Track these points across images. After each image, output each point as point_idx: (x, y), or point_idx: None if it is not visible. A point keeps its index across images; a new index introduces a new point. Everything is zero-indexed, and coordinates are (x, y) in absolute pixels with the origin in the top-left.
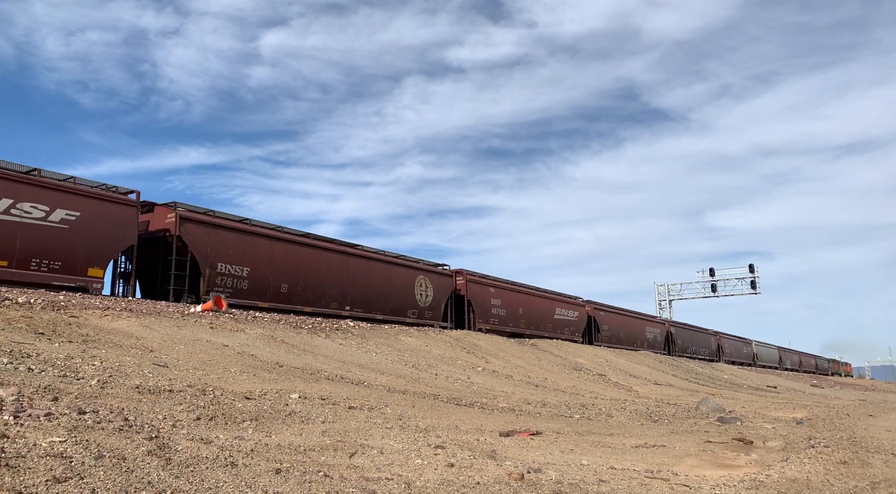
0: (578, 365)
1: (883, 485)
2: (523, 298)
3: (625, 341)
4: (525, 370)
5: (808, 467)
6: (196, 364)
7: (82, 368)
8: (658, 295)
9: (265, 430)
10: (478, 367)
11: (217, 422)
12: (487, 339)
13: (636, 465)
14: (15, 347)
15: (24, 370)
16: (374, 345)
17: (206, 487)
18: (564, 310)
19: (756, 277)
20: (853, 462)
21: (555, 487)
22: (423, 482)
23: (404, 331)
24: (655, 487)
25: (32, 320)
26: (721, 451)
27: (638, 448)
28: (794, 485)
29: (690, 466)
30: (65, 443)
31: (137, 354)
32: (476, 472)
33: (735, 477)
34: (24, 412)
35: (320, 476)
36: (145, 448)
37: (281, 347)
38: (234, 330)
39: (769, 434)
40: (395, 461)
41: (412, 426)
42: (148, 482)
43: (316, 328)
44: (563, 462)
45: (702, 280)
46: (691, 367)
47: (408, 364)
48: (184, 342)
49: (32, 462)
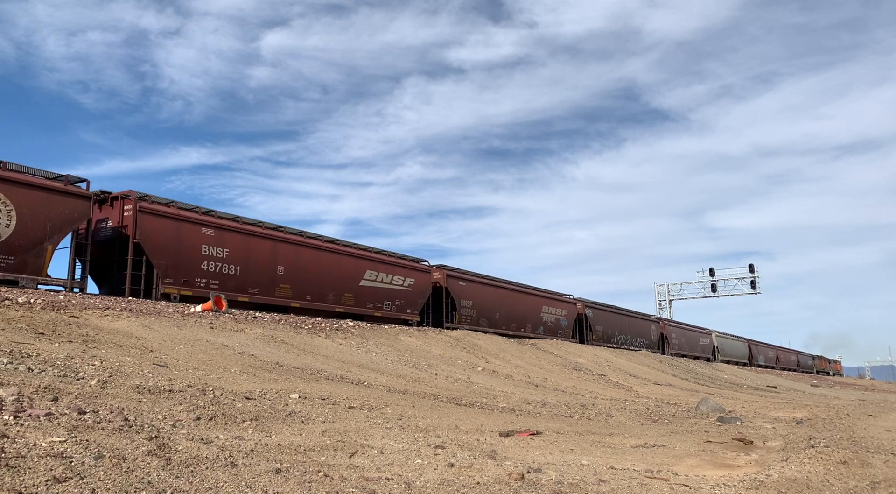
0: (578, 365)
1: (883, 485)
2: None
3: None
4: (525, 370)
5: (808, 467)
6: (196, 364)
7: (82, 368)
8: (658, 295)
9: (265, 430)
10: (478, 367)
11: (217, 422)
12: (487, 339)
13: (636, 465)
14: (15, 347)
15: (24, 370)
16: (374, 345)
17: (206, 487)
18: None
19: (756, 277)
20: (853, 462)
21: (555, 487)
22: (423, 482)
23: (404, 331)
24: (655, 487)
25: (32, 320)
26: (721, 451)
27: (638, 447)
28: (794, 485)
29: (690, 466)
30: (65, 443)
31: (137, 354)
32: (476, 472)
33: (735, 477)
34: (24, 412)
35: (320, 476)
36: (145, 448)
37: (281, 347)
38: (234, 330)
39: (769, 433)
40: (395, 461)
41: (412, 426)
42: (148, 482)
43: (316, 328)
44: (563, 462)
45: (702, 280)
46: (691, 367)
47: (408, 364)
48: (184, 342)
49: (32, 462)
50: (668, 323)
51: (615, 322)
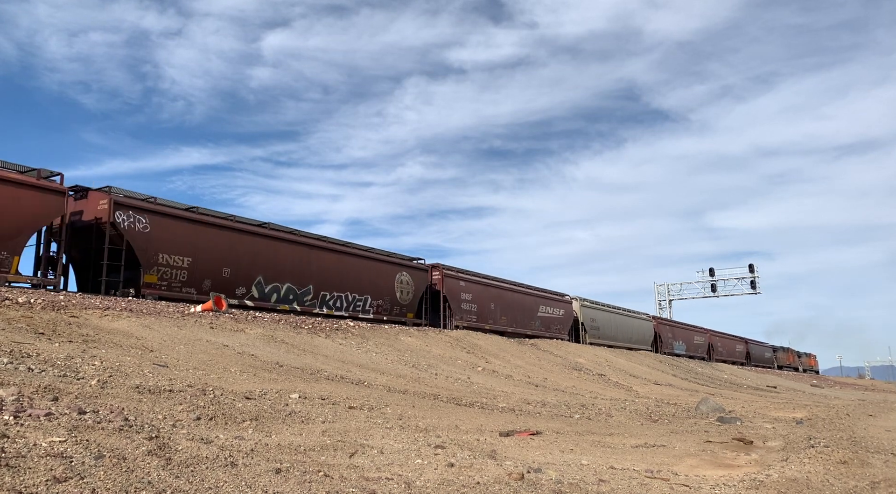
0: (578, 365)
1: (883, 485)
2: (504, 294)
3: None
4: (525, 370)
5: (807, 467)
6: (196, 364)
7: (82, 368)
8: (658, 295)
9: (265, 430)
10: (478, 367)
11: (217, 422)
12: (487, 339)
13: (636, 465)
14: (15, 347)
15: (24, 370)
16: (374, 345)
17: (206, 487)
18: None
19: (756, 277)
20: (853, 462)
21: (555, 487)
22: (423, 482)
23: (404, 331)
24: (655, 487)
25: (32, 320)
26: (721, 451)
27: (638, 447)
28: (794, 485)
29: (690, 466)
30: (65, 443)
31: (137, 354)
32: (476, 472)
33: (735, 477)
34: (24, 412)
35: (320, 476)
36: (145, 448)
37: (281, 347)
38: (234, 330)
39: (769, 433)
40: (395, 461)
41: (412, 426)
42: (148, 482)
43: (316, 327)
44: (563, 462)
45: (702, 280)
46: (691, 367)
47: (408, 364)
48: (184, 342)
49: (32, 462)
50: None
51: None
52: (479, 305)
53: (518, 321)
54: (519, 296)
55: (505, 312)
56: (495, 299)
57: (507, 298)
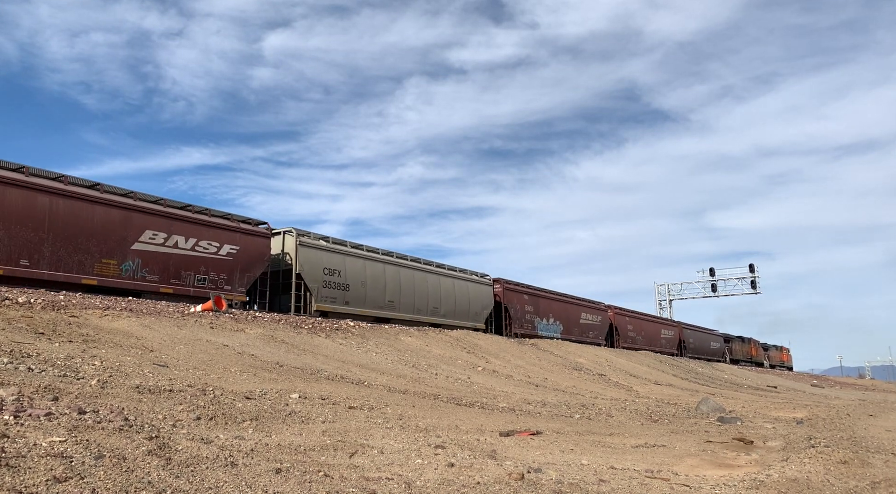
0: (578, 365)
1: (883, 485)
2: (553, 304)
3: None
4: (525, 370)
5: (808, 467)
6: (196, 364)
7: (82, 368)
8: (658, 295)
9: (265, 430)
10: (478, 367)
11: (217, 422)
12: (487, 339)
13: (636, 465)
14: (15, 347)
15: (24, 369)
16: (374, 345)
17: (206, 487)
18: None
19: (756, 277)
20: (853, 462)
21: (555, 487)
22: (423, 481)
23: (404, 331)
24: (655, 487)
25: (32, 319)
26: (721, 451)
27: (638, 447)
28: (795, 485)
29: (690, 466)
30: (65, 443)
31: (137, 354)
32: (476, 472)
33: (735, 477)
34: (24, 411)
35: (320, 476)
36: (145, 448)
37: (281, 347)
38: (234, 330)
39: (769, 433)
40: (395, 460)
41: (412, 426)
42: (148, 482)
43: (316, 327)
44: (563, 462)
45: (702, 280)
46: (692, 367)
47: (408, 364)
48: (184, 342)
49: (33, 462)
50: None
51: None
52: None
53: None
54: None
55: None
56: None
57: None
